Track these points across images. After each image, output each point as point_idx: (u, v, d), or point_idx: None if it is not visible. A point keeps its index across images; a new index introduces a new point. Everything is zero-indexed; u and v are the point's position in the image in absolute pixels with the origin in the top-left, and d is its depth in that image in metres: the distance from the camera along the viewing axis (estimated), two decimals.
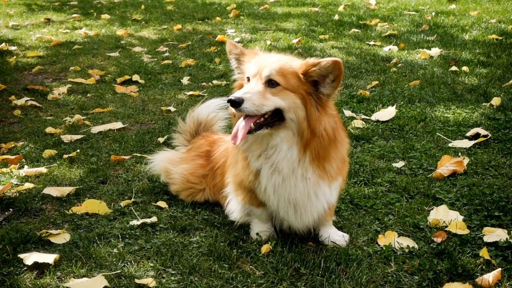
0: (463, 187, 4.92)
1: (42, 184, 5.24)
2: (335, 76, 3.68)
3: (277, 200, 3.96)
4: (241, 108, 3.63)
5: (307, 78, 3.71)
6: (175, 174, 4.95)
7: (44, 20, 14.42)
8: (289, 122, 3.72)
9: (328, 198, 3.98)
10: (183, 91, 8.24)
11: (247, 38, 11.55)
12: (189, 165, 4.93)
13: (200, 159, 4.91)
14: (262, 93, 3.67)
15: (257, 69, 3.76)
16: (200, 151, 4.96)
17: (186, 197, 4.89)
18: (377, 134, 6.17)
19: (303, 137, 3.72)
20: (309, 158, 3.79)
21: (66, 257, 4.03)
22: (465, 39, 10.50)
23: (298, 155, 3.78)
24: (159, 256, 4.02)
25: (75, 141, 6.33)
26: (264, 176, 3.90)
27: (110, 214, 4.68)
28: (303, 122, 3.69)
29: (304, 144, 3.74)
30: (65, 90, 8.38)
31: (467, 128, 6.16)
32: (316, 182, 3.87)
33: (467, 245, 4.05)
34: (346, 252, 3.97)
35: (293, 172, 3.82)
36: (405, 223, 4.38)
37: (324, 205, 3.99)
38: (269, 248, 4.04)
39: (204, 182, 4.83)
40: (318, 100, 3.72)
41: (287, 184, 3.86)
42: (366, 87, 7.89)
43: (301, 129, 3.71)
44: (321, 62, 3.67)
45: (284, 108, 3.69)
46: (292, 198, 3.91)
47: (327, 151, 3.81)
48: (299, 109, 3.69)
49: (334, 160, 3.89)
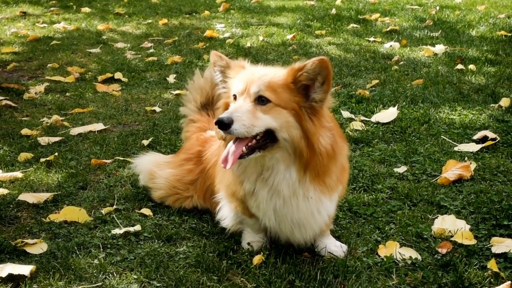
0: (469, 194, 4.93)
1: (17, 190, 5.22)
2: (324, 77, 3.62)
3: (279, 222, 3.95)
4: (230, 130, 3.53)
5: (297, 85, 3.65)
6: (160, 179, 4.91)
7: (20, 14, 14.39)
8: (282, 143, 3.65)
9: (329, 211, 4.01)
10: (169, 90, 8.23)
11: (238, 34, 11.57)
12: (176, 170, 4.90)
13: (189, 163, 4.87)
14: (252, 112, 3.59)
15: (244, 85, 3.68)
16: (190, 152, 4.91)
17: (173, 202, 4.87)
18: (378, 137, 6.18)
19: (302, 157, 3.67)
20: (310, 177, 3.76)
21: (43, 268, 4.01)
22: (472, 35, 10.54)
23: (298, 175, 3.75)
24: (143, 268, 4.01)
25: (53, 144, 6.31)
26: (263, 200, 3.87)
27: (91, 222, 4.66)
28: (300, 142, 3.63)
29: (304, 164, 3.69)
30: (42, 88, 8.35)
31: (474, 131, 6.18)
32: (318, 199, 3.86)
33: (474, 256, 4.06)
34: (344, 263, 3.97)
35: (294, 193, 3.80)
36: (407, 233, 4.38)
37: (326, 219, 4.01)
38: (261, 259, 4.03)
39: (192, 189, 4.80)
40: (312, 110, 3.66)
41: (288, 206, 3.84)
42: (365, 86, 7.91)
43: (299, 149, 3.65)
44: (307, 64, 3.61)
45: (276, 128, 3.61)
46: (296, 218, 3.90)
47: (327, 167, 3.78)
48: (293, 128, 3.62)
49: (334, 172, 3.88)
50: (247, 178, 3.87)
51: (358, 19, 12.38)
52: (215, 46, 10.70)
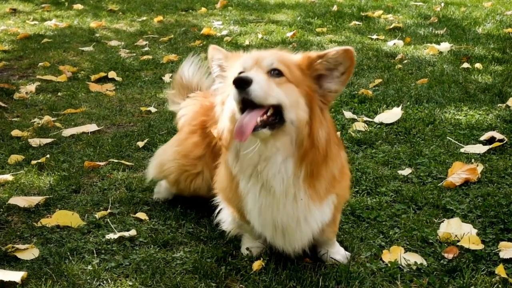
0: (476, 197, 4.93)
1: (7, 194, 5.22)
2: (346, 68, 3.57)
3: (262, 224, 3.86)
4: (249, 89, 3.36)
5: (312, 73, 3.61)
6: (168, 163, 4.76)
7: (9, 11, 14.40)
8: (288, 126, 3.54)
9: (320, 219, 3.86)
10: (164, 90, 8.21)
11: (236, 31, 11.57)
12: (180, 147, 4.73)
13: (193, 136, 4.68)
14: (267, 80, 3.48)
15: (254, 61, 3.59)
16: (193, 124, 4.71)
17: (186, 185, 4.70)
18: (381, 138, 6.18)
19: (301, 147, 3.57)
20: (304, 174, 3.66)
21: (34, 274, 4.01)
22: (478, 32, 10.56)
23: (294, 169, 3.64)
24: (139, 274, 4.01)
25: (44, 146, 6.31)
26: (253, 199, 3.77)
27: (84, 226, 4.66)
28: (304, 128, 3.55)
29: (301, 156, 3.59)
30: (33, 88, 8.35)
31: (481, 132, 6.18)
32: (306, 205, 3.75)
33: (482, 261, 4.06)
34: (347, 269, 3.97)
35: (286, 191, 3.68)
36: (412, 237, 4.39)
37: (314, 229, 3.86)
38: (261, 264, 4.03)
39: (201, 164, 4.62)
40: (323, 99, 3.62)
41: (274, 207, 3.73)
42: (368, 85, 7.91)
43: (301, 137, 3.56)
44: (329, 53, 3.56)
45: (286, 105, 3.50)
46: (279, 222, 3.78)
47: (320, 167, 3.69)
48: (302, 111, 3.54)
49: (324, 178, 3.76)
50: (243, 173, 3.75)
51: (360, 16, 12.40)
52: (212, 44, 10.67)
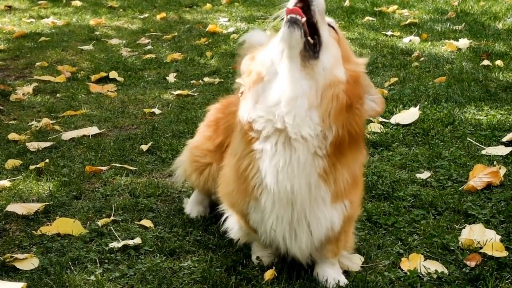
0: (499, 201, 4.93)
1: (5, 200, 5.23)
2: None
3: (273, 199, 3.65)
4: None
5: None
6: (183, 155, 4.91)
7: (5, 8, 14.43)
8: (319, 67, 3.41)
9: (331, 219, 3.73)
10: (169, 90, 8.24)
11: (243, 28, 11.58)
12: (196, 137, 4.83)
13: (208, 129, 4.71)
14: None
15: None
16: (209, 119, 4.75)
17: (196, 176, 4.69)
18: (398, 140, 6.17)
19: (332, 101, 3.41)
20: (333, 138, 3.47)
21: (34, 285, 4.02)
22: (498, 28, 10.54)
23: (320, 123, 3.43)
24: (144, 284, 4.01)
25: (43, 150, 6.32)
26: (268, 158, 3.56)
27: (86, 235, 4.66)
28: (337, 86, 3.41)
29: (336, 113, 3.42)
30: (31, 89, 8.36)
31: (503, 133, 6.17)
32: (324, 191, 3.62)
33: (506, 269, 4.06)
34: (363, 278, 3.96)
35: (306, 150, 3.48)
36: (432, 244, 4.38)
37: (325, 228, 3.72)
38: (273, 274, 4.02)
39: (210, 156, 4.58)
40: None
41: (295, 165, 3.51)
42: (383, 85, 7.91)
43: (329, 93, 3.41)
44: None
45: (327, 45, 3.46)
46: (295, 188, 3.55)
47: (345, 150, 3.55)
48: (339, 70, 3.48)
49: (345, 169, 3.63)
50: (261, 120, 3.51)
51: (374, 11, 12.39)
52: (218, 41, 10.72)
